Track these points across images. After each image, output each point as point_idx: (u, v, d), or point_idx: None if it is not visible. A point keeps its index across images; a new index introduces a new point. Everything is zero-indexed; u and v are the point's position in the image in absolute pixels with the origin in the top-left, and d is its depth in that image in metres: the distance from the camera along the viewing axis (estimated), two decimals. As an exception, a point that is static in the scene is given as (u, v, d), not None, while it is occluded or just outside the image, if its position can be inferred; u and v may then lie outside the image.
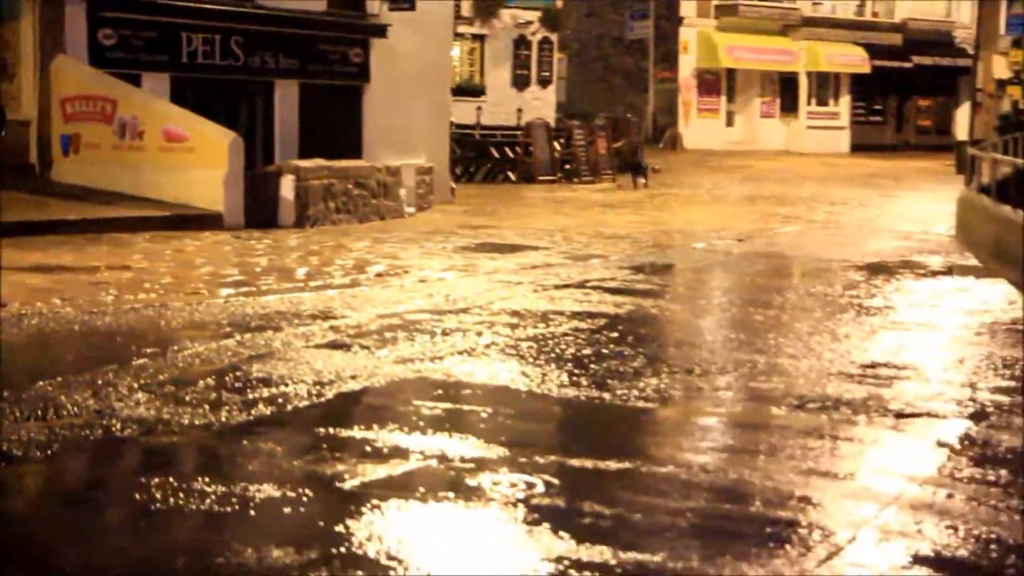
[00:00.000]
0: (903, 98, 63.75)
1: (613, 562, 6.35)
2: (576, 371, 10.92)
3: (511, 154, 35.13)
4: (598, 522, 6.97)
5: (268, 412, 9.20)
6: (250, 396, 9.58)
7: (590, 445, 8.78)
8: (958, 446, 9.00)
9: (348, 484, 7.54)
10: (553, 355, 11.57)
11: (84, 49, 22.14)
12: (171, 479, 7.48)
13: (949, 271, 19.38)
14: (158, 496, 7.16)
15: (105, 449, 8.30)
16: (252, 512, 7.07)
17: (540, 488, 7.53)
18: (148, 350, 10.97)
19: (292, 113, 24.26)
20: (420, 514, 7.08)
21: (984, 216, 21.50)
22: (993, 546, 6.89)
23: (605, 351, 11.91)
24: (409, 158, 25.25)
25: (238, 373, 10.35)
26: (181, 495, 7.20)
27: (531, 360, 11.33)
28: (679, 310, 15.38)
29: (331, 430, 8.78)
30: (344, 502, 7.20)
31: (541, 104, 41.84)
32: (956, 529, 7.12)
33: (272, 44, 24.27)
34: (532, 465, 8.02)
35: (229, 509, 7.05)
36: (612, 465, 8.18)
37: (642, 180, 34.73)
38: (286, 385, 9.96)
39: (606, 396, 10.13)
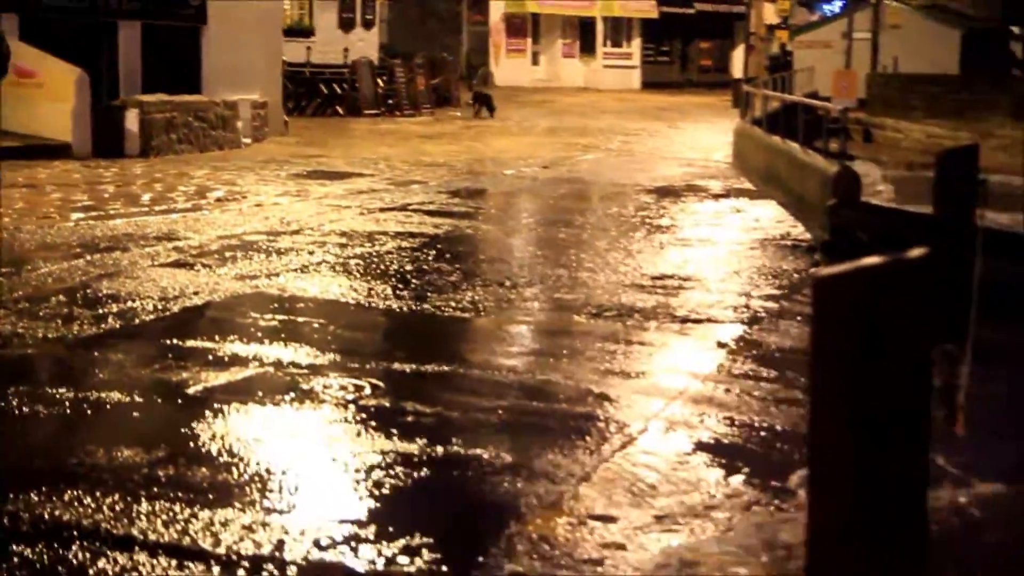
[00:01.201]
0: (687, 41, 64.31)
1: (434, 455, 6.38)
2: (399, 285, 10.91)
3: (339, 90, 34.70)
4: (420, 420, 7.00)
5: (117, 325, 9.04)
6: (100, 311, 9.39)
7: (412, 351, 8.78)
8: (734, 347, 9.20)
9: (192, 390, 7.45)
10: (378, 271, 11.54)
11: (-64, -11, 21.30)
12: (27, 388, 7.32)
13: (727, 194, 19.69)
14: (15, 403, 7.00)
15: (-35, 362, 8.09)
16: (103, 417, 6.96)
17: (368, 390, 7.53)
18: (3, 270, 10.68)
19: (135, 52, 23.56)
20: (259, 416, 7.03)
21: (756, 145, 21.87)
22: (763, 433, 7.07)
23: (425, 267, 11.91)
24: (245, 93, 24.82)
25: (88, 290, 10.13)
26: (37, 403, 7.05)
27: (359, 276, 11.28)
28: (491, 230, 15.42)
29: (176, 341, 8.65)
30: (189, 406, 7.12)
31: (365, 45, 41.26)
32: (732, 419, 7.29)
33: (116, -13, 23.57)
34: (360, 370, 8.01)
35: (82, 414, 6.92)
36: (432, 369, 8.21)
37: (486, 112, 35.23)
38: (134, 301, 9.79)
39: (426, 307, 10.14)
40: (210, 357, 8.22)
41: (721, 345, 9.24)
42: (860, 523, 3.66)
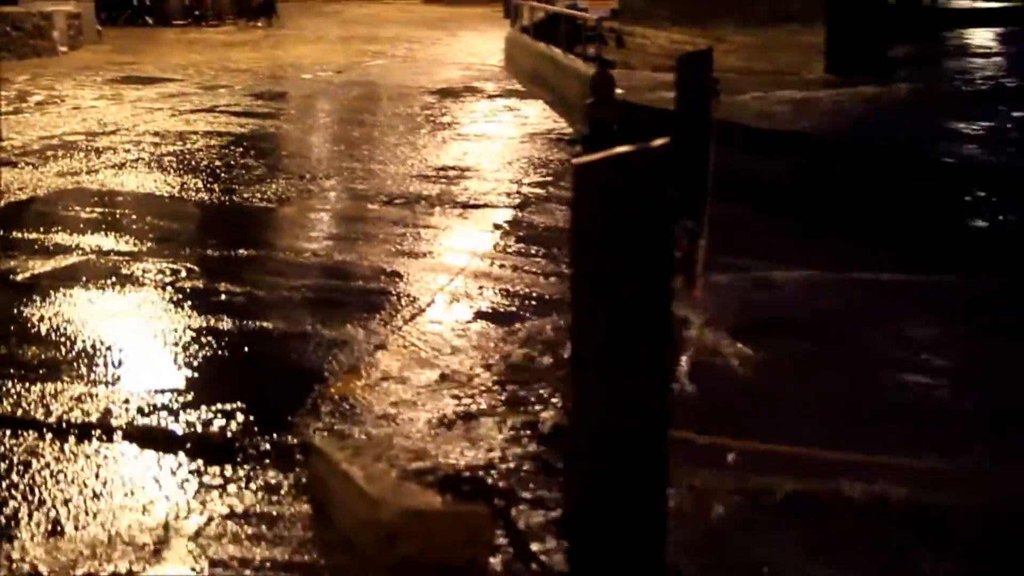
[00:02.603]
0: (463, -42, 63.76)
1: (244, 329, 6.32)
2: (210, 179, 10.67)
3: (148, 2, 33.45)
4: (232, 299, 6.91)
5: (-53, 220, 8.67)
6: (-69, 208, 8.99)
7: (223, 238, 8.61)
8: (508, 228, 9.28)
9: (20, 277, 7.21)
10: (190, 167, 11.26)
11: None
12: None
13: (500, 94, 19.65)
14: None
15: None
16: (-62, 304, 6.69)
17: (183, 274, 7.39)
18: None
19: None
20: (84, 298, 6.84)
21: (525, 51, 21.88)
22: (533, 301, 7.19)
23: (233, 163, 11.66)
24: (59, 5, 23.73)
25: (-81, 189, 9.67)
26: None
27: (172, 171, 10.99)
28: (292, 129, 15.14)
29: (3, 233, 8.32)
30: (17, 292, 6.88)
31: (172, -40, 39.79)
32: (507, 290, 7.38)
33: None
34: (176, 255, 7.85)
35: (-83, 302, 6.65)
36: (242, 253, 8.09)
37: (273, 17, 34.51)
38: (-38, 198, 9.39)
39: (235, 199, 9.96)
40: (36, 247, 7.94)
41: (497, 227, 9.31)
42: (616, 371, 3.77)
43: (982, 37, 47.82)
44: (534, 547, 3.93)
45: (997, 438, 5.82)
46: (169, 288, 7.05)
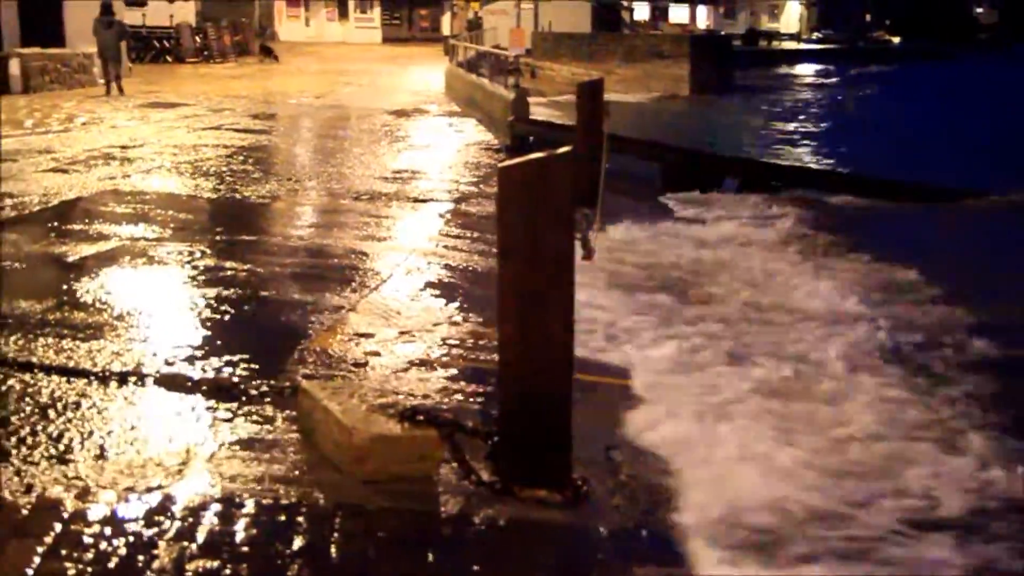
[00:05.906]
0: (411, 8, 62.84)
1: (246, 297, 6.22)
2: (217, 181, 10.47)
3: (167, 44, 32.66)
4: (236, 275, 6.78)
5: (13, 215, 8.40)
6: (-2, 205, 8.72)
7: (229, 227, 8.46)
8: (449, 217, 9.23)
9: (71, 258, 7.02)
10: (202, 171, 11.03)
11: None
12: (-55, 262, 6.76)
13: (442, 114, 19.52)
14: (-64, 274, 6.45)
15: None
16: (5, 278, 6.49)
17: (198, 254, 7.25)
18: (-79, 177, 9.76)
19: (14, 18, 21.39)
20: (121, 274, 6.67)
21: (460, 80, 21.75)
22: (469, 273, 7.17)
23: (235, 168, 11.45)
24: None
25: (-12, 191, 9.37)
26: (-47, 272, 6.52)
27: (188, 175, 10.77)
28: (281, 142, 14.90)
29: (57, 224, 8.10)
30: (69, 270, 6.70)
31: (186, 11, 38.60)
32: (449, 265, 7.35)
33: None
34: (192, 240, 7.69)
35: (-12, 280, 6.44)
36: (243, 238, 7.96)
37: (270, 59, 34.02)
38: (24, 197, 9.10)
39: (238, 196, 9.78)
40: (83, 235, 7.74)
41: (440, 216, 9.26)
42: (533, 326, 3.74)
43: (801, 69, 48.59)
44: (473, 463, 3.91)
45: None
46: (187, 266, 6.91)
